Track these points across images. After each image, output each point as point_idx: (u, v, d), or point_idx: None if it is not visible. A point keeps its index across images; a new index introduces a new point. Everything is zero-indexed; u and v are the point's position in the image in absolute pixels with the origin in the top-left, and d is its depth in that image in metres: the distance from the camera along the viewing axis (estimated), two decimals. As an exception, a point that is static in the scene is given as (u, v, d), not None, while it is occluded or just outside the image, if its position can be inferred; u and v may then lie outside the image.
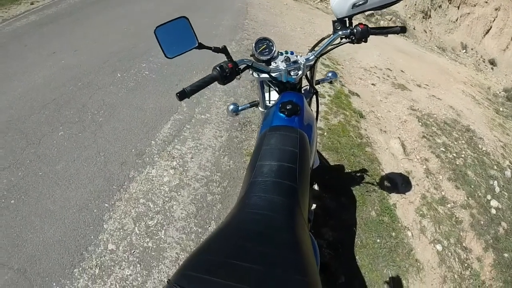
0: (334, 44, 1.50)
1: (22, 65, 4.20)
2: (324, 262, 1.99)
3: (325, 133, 3.11)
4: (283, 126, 1.27)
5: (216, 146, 2.85)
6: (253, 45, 1.47)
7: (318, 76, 1.75)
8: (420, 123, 3.70)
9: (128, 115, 3.16)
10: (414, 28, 8.64)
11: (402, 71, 5.33)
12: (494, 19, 9.08)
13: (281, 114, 1.31)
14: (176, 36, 1.20)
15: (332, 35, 1.47)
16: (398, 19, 8.26)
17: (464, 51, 8.69)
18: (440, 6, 9.06)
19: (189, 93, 1.12)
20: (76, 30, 5.44)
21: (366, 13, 8.48)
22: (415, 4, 8.67)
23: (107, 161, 2.60)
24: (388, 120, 3.73)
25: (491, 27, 9.01)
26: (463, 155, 3.34)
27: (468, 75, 6.36)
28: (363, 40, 1.43)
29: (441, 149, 3.33)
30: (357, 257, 2.10)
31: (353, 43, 1.46)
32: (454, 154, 3.31)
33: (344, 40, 1.48)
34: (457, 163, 3.20)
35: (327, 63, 4.65)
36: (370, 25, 1.50)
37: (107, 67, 4.06)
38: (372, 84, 4.54)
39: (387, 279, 2.06)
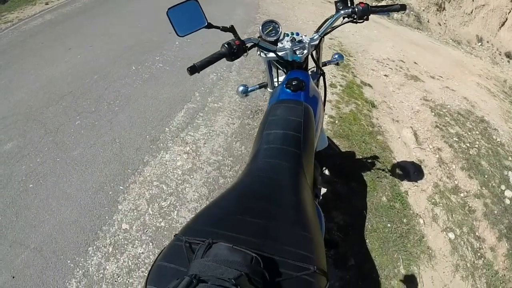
0: (336, 25, 1.54)
1: (39, 61, 4.32)
2: (334, 241, 2.00)
3: (336, 121, 3.12)
4: (288, 99, 1.32)
5: (228, 132, 2.90)
6: (260, 27, 1.52)
7: (325, 59, 1.78)
8: (433, 113, 3.66)
9: (143, 105, 3.23)
10: (428, 21, 8.49)
11: (415, 63, 5.27)
12: (510, 11, 8.84)
13: (287, 90, 1.37)
14: (187, 16, 1.26)
15: (334, 15, 1.52)
16: (411, 12, 8.15)
17: (480, 44, 8.50)
18: (454, -2, 8.93)
19: (199, 68, 1.17)
20: (91, 27, 5.55)
21: (379, 5, 8.40)
22: (429, -4, 8.56)
23: (122, 147, 2.67)
24: (400, 110, 3.70)
25: (506, 19, 8.77)
26: (477, 145, 3.29)
27: (483, 68, 6.23)
28: (365, 18, 1.47)
29: (454, 139, 3.29)
30: (367, 241, 2.11)
31: (355, 22, 1.50)
32: (468, 144, 3.27)
33: (346, 19, 1.52)
34: (471, 153, 3.16)
35: (339, 55, 4.65)
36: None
37: (122, 61, 4.15)
38: (385, 75, 4.50)
39: (398, 263, 2.06)
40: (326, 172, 2.39)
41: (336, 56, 1.77)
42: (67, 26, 5.67)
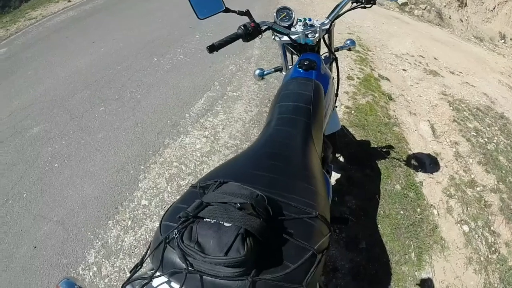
0: (346, 9, 1.60)
1: (64, 53, 4.49)
2: (344, 217, 2.04)
3: (353, 111, 3.14)
4: (300, 77, 1.41)
5: (246, 119, 2.98)
6: (274, 13, 1.61)
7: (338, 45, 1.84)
8: (452, 108, 3.63)
9: (164, 93, 3.34)
10: (450, 17, 8.32)
11: (435, 58, 5.19)
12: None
13: (299, 69, 1.45)
14: (206, 1, 1.35)
15: (343, 0, 1.58)
16: (432, 8, 8.01)
17: (503, 41, 8.28)
18: (476, -7, 8.72)
19: (217, 47, 1.29)
20: (113, 22, 5.71)
21: (400, 1, 8.29)
22: (450, -8, 8.40)
23: (144, 131, 2.78)
24: (418, 103, 3.69)
25: (530, 16, 8.53)
26: (495, 141, 3.25)
27: (506, 66, 6.07)
28: (372, 2, 1.54)
29: (472, 133, 3.27)
30: (379, 226, 2.14)
31: (364, 7, 1.56)
32: (486, 139, 3.23)
33: (355, 4, 1.58)
34: (489, 148, 3.13)
35: (358, 49, 4.65)
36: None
37: (144, 53, 4.26)
38: (403, 69, 4.47)
39: (410, 250, 2.07)
40: (341, 159, 2.42)
41: (348, 41, 1.83)
42: (90, 22, 5.84)
